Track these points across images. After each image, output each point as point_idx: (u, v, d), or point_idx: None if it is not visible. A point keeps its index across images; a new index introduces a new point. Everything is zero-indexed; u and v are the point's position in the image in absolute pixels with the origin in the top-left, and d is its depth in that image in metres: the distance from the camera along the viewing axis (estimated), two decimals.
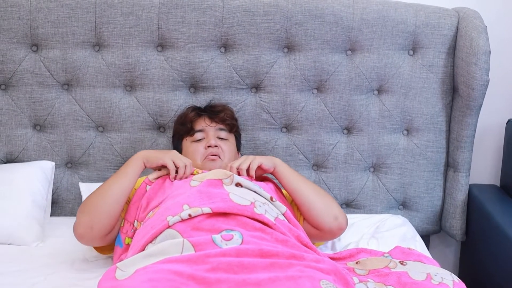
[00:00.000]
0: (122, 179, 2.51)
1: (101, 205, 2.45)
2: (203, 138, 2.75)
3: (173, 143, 2.90)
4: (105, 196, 2.47)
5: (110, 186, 2.49)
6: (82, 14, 2.89)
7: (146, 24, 2.91)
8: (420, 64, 3.02)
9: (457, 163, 3.06)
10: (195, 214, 2.25)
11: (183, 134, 2.80)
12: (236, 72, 2.97)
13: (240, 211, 2.28)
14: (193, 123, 2.79)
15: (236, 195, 2.35)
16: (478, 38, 2.89)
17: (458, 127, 3.03)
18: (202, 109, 2.88)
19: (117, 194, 2.47)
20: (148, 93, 2.97)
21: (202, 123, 2.79)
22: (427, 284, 2.24)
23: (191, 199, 2.33)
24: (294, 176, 2.63)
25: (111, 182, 2.51)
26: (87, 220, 2.44)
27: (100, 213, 2.44)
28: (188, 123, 2.80)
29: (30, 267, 2.55)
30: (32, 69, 2.92)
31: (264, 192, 2.46)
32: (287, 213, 2.45)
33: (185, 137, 2.79)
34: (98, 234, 2.45)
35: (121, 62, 2.93)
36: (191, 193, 2.37)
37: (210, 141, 2.71)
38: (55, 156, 3.00)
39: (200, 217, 2.26)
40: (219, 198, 2.32)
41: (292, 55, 2.98)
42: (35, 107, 2.96)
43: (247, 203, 2.32)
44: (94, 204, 2.46)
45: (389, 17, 2.96)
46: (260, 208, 2.32)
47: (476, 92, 2.91)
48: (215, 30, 2.92)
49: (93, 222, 2.43)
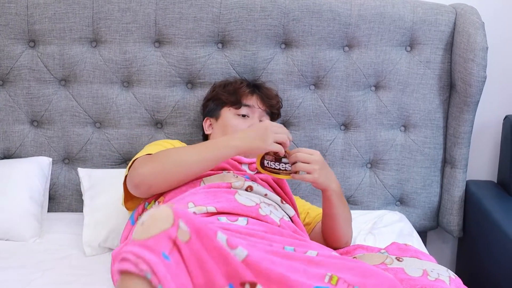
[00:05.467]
0: (209, 164, 2.37)
1: (175, 174, 2.34)
2: (247, 115, 2.69)
3: (206, 104, 2.82)
4: (184, 170, 2.35)
5: (195, 164, 2.35)
6: (79, 9, 2.88)
7: (143, 20, 2.91)
8: (418, 60, 3.02)
9: (454, 159, 3.06)
10: (200, 212, 2.24)
11: (227, 103, 2.71)
12: (233, 68, 2.96)
13: (244, 211, 2.26)
14: (242, 97, 2.72)
15: (242, 196, 2.32)
16: (475, 34, 2.89)
17: (455, 123, 3.03)
18: (255, 85, 2.80)
19: (194, 175, 2.38)
20: (145, 89, 2.97)
21: (252, 101, 2.72)
22: (423, 280, 2.24)
23: (197, 197, 2.30)
24: (339, 203, 2.49)
25: (199, 160, 2.35)
26: (153, 179, 2.33)
27: (168, 180, 2.34)
28: (238, 95, 2.72)
29: (28, 263, 2.54)
30: (29, 65, 2.92)
31: (274, 196, 2.44)
32: (295, 217, 2.44)
33: (228, 107, 2.71)
34: (151, 193, 2.39)
35: (118, 58, 2.93)
36: (197, 191, 2.34)
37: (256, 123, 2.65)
38: (52, 152, 3.00)
39: (205, 215, 2.24)
40: (224, 199, 2.29)
41: (289, 51, 2.98)
42: (32, 103, 2.95)
43: (252, 204, 2.29)
44: (170, 170, 2.34)
45: (386, 13, 2.96)
46: (265, 209, 2.30)
47: (473, 88, 2.91)
48: (213, 26, 2.92)
49: (157, 184, 2.35)
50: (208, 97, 2.84)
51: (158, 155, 2.38)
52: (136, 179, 2.35)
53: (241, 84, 2.76)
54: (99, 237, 2.68)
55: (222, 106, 2.73)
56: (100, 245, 2.68)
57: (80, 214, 2.92)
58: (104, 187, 2.85)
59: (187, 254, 1.74)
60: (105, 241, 2.69)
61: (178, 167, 2.34)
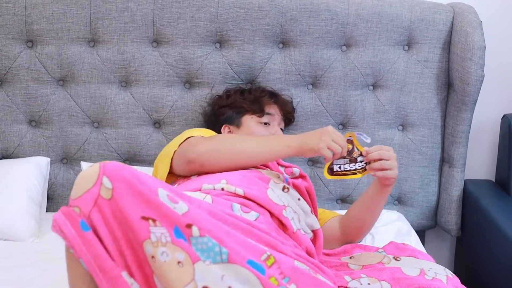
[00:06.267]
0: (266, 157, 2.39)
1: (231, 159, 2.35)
2: (269, 123, 2.72)
3: (221, 111, 2.79)
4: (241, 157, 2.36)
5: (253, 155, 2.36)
6: (77, 10, 2.89)
7: (141, 20, 2.91)
8: (415, 60, 3.02)
9: (452, 158, 3.06)
10: (228, 190, 2.22)
11: (250, 111, 2.72)
12: (231, 68, 2.97)
13: (269, 205, 2.22)
14: (264, 105, 2.75)
15: (274, 193, 2.29)
16: (473, 33, 2.89)
17: (453, 122, 3.03)
18: (273, 94, 2.84)
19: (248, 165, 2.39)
20: (143, 89, 2.97)
21: (272, 109, 2.77)
22: (420, 279, 2.24)
23: (231, 177, 2.29)
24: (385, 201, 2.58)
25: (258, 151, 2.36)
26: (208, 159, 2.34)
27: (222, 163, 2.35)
28: (261, 103, 2.74)
29: (26, 262, 2.54)
30: (27, 65, 2.92)
31: (305, 205, 2.42)
32: (319, 231, 2.41)
33: (251, 114, 2.73)
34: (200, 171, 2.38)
35: (116, 58, 2.94)
36: (233, 173, 2.33)
37: (278, 131, 2.71)
38: (50, 152, 3.00)
39: (230, 194, 2.22)
40: (256, 187, 2.27)
41: (287, 51, 2.98)
42: (30, 103, 2.96)
43: (279, 203, 2.26)
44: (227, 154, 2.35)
45: (384, 12, 2.96)
46: (289, 213, 2.27)
47: (471, 87, 2.91)
48: (210, 26, 2.92)
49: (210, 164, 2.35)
50: (222, 103, 2.83)
51: (218, 137, 2.43)
52: (191, 155, 2.35)
53: (262, 93, 2.81)
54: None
55: (243, 114, 2.74)
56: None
57: None
58: None
59: (108, 212, 1.77)
60: None
61: (236, 153, 2.36)
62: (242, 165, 2.38)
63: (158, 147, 3.01)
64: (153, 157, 3.02)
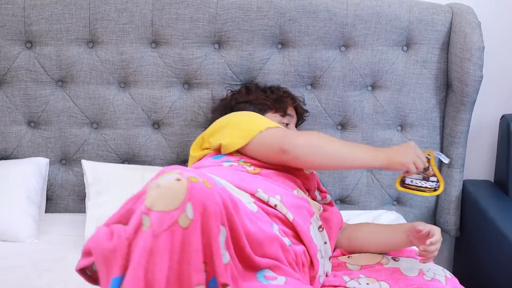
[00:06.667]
0: (354, 165, 2.42)
1: (323, 159, 2.33)
2: (288, 123, 2.73)
3: (240, 107, 2.76)
4: (333, 159, 2.34)
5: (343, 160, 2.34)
6: (76, 10, 2.89)
7: (140, 21, 2.91)
8: (414, 60, 3.02)
9: (451, 158, 3.06)
10: (280, 209, 2.21)
11: (272, 109, 2.73)
12: (230, 69, 2.97)
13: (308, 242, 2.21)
14: (287, 106, 2.76)
15: (314, 230, 2.28)
16: (471, 33, 2.89)
17: (452, 122, 3.03)
18: (294, 96, 2.84)
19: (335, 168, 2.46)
20: (142, 90, 2.97)
21: (291, 110, 2.78)
22: (419, 280, 2.25)
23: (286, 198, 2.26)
24: None
25: (348, 157, 2.35)
26: (304, 154, 2.31)
27: (314, 161, 2.34)
28: (285, 104, 2.75)
29: (25, 263, 2.55)
30: (26, 66, 2.92)
31: (329, 250, 2.40)
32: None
33: (273, 113, 2.72)
34: (287, 163, 2.37)
35: (115, 58, 2.94)
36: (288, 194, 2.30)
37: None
38: (49, 153, 3.00)
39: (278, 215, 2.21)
40: (302, 218, 2.25)
41: (286, 51, 2.98)
42: (29, 103, 2.96)
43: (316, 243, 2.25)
44: (321, 152, 2.32)
45: (382, 13, 2.96)
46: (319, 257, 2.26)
47: (470, 88, 2.91)
48: (209, 27, 2.92)
49: (303, 159, 2.33)
50: (241, 99, 2.80)
51: (315, 134, 2.41)
52: (288, 146, 2.31)
53: (285, 93, 2.82)
54: None
55: (265, 111, 2.72)
56: None
57: (77, 215, 2.93)
58: (109, 183, 2.87)
59: (177, 240, 1.72)
60: None
61: (331, 154, 2.34)
62: (333, 167, 2.44)
63: (157, 148, 3.01)
64: (152, 158, 3.02)
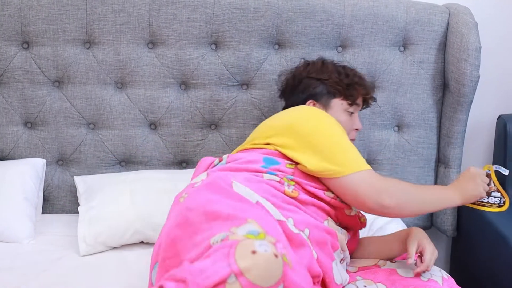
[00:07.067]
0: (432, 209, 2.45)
1: (413, 208, 2.32)
2: (353, 112, 2.62)
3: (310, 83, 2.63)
4: (419, 207, 2.34)
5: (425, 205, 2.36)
6: (72, 11, 2.89)
7: (136, 21, 2.91)
8: (411, 61, 3.02)
9: (448, 159, 3.06)
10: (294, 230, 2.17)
11: (343, 94, 2.59)
12: (227, 69, 2.97)
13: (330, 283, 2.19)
14: (357, 95, 2.62)
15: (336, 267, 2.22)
16: (468, 34, 2.89)
17: (449, 123, 3.03)
18: (366, 87, 2.71)
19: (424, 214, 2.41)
20: (139, 90, 2.97)
21: (360, 100, 2.65)
22: (416, 281, 2.25)
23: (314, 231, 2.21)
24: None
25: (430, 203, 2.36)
26: (400, 207, 2.27)
27: (406, 211, 2.32)
28: (357, 92, 2.62)
29: (22, 264, 2.55)
30: (23, 67, 2.92)
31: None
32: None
33: (342, 100, 2.59)
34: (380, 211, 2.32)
35: (112, 59, 2.94)
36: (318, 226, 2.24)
37: (360, 127, 2.65)
38: (46, 154, 3.00)
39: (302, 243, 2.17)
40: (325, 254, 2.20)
41: (282, 52, 2.98)
42: (26, 104, 2.96)
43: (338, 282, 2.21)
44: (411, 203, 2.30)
45: (379, 13, 2.96)
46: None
47: (467, 88, 2.92)
48: (206, 27, 2.92)
49: (397, 211, 2.28)
50: (314, 75, 2.65)
51: (402, 184, 2.33)
52: (390, 203, 2.23)
53: (361, 80, 2.67)
54: (95, 232, 2.69)
55: (334, 96, 2.60)
56: (96, 240, 2.68)
57: (74, 216, 2.93)
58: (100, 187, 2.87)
59: None
60: (100, 235, 2.69)
61: (424, 205, 2.34)
62: (422, 213, 2.42)
63: (154, 149, 3.01)
64: (149, 159, 3.02)
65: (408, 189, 2.30)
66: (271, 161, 2.31)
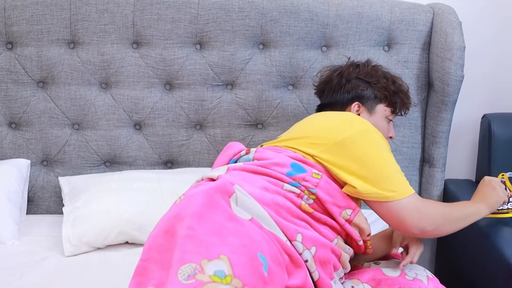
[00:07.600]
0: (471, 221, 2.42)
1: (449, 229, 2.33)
2: (392, 120, 2.63)
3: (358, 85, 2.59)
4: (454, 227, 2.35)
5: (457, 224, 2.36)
6: (56, 11, 2.88)
7: (121, 21, 2.90)
8: (395, 60, 3.03)
9: (433, 158, 3.07)
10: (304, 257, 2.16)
11: (388, 100, 2.59)
12: (211, 69, 2.97)
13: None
14: (400, 105, 2.62)
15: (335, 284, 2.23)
16: (452, 33, 2.90)
17: (433, 122, 3.04)
18: (409, 100, 2.68)
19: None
20: (123, 90, 2.97)
21: (398, 111, 2.65)
22: (401, 280, 2.25)
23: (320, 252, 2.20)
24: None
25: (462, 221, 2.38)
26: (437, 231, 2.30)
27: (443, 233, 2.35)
28: (403, 102, 2.63)
29: (6, 265, 2.54)
30: (7, 67, 2.91)
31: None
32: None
33: (387, 106, 2.59)
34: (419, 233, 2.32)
35: (96, 59, 2.93)
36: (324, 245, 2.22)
37: (394, 135, 2.66)
38: (30, 154, 2.99)
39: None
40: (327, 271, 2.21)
41: (267, 52, 2.98)
42: (10, 105, 2.95)
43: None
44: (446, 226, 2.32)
45: (364, 13, 2.97)
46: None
47: (451, 88, 2.92)
48: (190, 27, 2.92)
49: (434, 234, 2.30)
50: (363, 77, 2.61)
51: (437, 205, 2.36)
52: (430, 227, 2.26)
53: (405, 90, 2.67)
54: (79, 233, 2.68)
55: (380, 101, 2.59)
56: (81, 241, 2.67)
57: (58, 216, 2.92)
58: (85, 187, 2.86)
59: None
60: (84, 236, 2.68)
61: (459, 224, 2.36)
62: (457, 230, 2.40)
63: (138, 149, 3.01)
64: (134, 159, 3.02)
65: (443, 210, 2.32)
66: (298, 168, 2.25)
